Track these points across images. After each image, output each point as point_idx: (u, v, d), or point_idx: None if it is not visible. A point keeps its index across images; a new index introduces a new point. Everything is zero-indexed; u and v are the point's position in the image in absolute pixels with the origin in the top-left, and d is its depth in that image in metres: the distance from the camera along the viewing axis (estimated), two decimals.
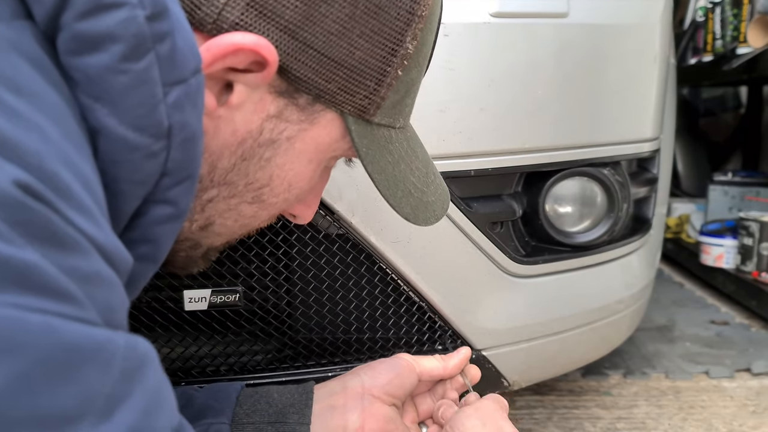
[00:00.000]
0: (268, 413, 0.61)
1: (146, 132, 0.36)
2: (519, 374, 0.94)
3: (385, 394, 0.63)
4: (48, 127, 0.32)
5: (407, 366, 0.66)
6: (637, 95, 0.96)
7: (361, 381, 0.64)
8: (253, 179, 0.47)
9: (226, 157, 0.46)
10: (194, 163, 0.41)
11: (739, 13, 2.03)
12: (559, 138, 0.87)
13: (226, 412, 0.60)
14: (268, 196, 0.49)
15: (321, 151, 0.49)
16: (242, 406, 0.61)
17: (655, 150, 1.05)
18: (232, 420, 0.60)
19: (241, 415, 0.60)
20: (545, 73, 0.83)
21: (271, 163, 0.47)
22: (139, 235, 0.40)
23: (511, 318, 0.89)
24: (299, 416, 0.61)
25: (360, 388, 0.63)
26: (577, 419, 1.21)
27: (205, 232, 0.50)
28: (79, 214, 0.31)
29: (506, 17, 0.80)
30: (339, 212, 0.77)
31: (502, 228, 0.89)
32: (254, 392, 0.63)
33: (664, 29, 1.00)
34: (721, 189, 2.25)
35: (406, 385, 0.65)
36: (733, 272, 1.93)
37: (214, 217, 0.49)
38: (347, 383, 0.64)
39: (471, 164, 0.81)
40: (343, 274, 0.83)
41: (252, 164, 0.47)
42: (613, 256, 1.00)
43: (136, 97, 0.36)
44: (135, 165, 0.37)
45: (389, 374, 0.64)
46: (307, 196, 0.53)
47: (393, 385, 0.64)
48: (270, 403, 0.61)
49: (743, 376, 1.43)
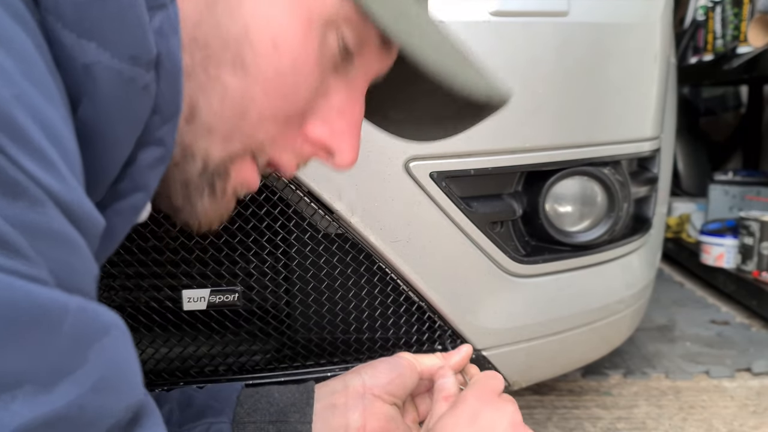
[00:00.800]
0: (270, 412, 0.60)
1: (139, 61, 0.34)
2: (519, 374, 0.94)
3: (386, 393, 0.63)
4: (11, 69, 0.28)
5: (408, 365, 0.65)
6: (638, 94, 0.96)
7: (362, 380, 0.63)
8: (225, 33, 0.40)
9: (189, 4, 0.39)
10: (179, 97, 0.38)
11: (739, 13, 2.03)
12: (559, 137, 0.87)
13: (227, 411, 0.60)
14: (251, 60, 0.40)
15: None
16: (243, 406, 0.61)
17: (656, 149, 1.05)
18: (233, 420, 0.59)
19: (242, 414, 0.60)
20: (545, 72, 0.83)
21: (242, 7, 0.39)
22: (131, 183, 0.38)
23: (511, 318, 0.89)
24: (300, 415, 0.60)
25: (361, 388, 0.63)
26: (577, 419, 1.21)
27: (193, 128, 0.41)
28: (33, 161, 0.28)
29: (506, 16, 0.80)
30: (338, 212, 0.76)
31: (502, 227, 0.89)
32: (255, 392, 0.62)
33: (664, 28, 1.00)
34: (722, 188, 2.25)
35: (407, 385, 0.65)
36: (734, 272, 1.93)
37: (196, 96, 0.40)
38: (348, 382, 0.64)
39: (471, 163, 0.81)
40: (343, 274, 0.82)
41: (219, 11, 0.39)
42: (614, 256, 1.00)
43: (125, 23, 0.34)
44: (130, 101, 0.35)
45: (390, 374, 0.64)
46: (317, 99, 0.45)
47: (394, 384, 0.63)
48: (271, 403, 0.61)
49: (744, 376, 1.43)
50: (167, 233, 0.79)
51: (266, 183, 0.76)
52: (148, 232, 0.78)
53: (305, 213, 0.77)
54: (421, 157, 0.78)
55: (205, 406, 0.60)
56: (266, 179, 0.75)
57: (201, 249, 0.81)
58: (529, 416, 1.22)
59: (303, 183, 0.75)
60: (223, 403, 0.60)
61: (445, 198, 0.81)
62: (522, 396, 1.29)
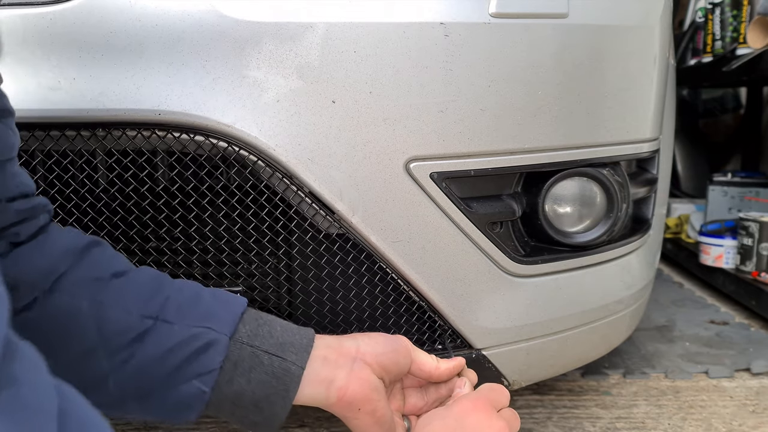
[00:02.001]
0: (269, 343, 0.60)
1: None
2: (519, 374, 0.95)
3: (377, 363, 0.63)
4: None
5: (405, 347, 0.66)
6: (637, 96, 0.97)
7: (357, 345, 0.64)
8: None
9: None
10: None
11: (738, 14, 2.04)
12: (558, 138, 0.87)
13: (230, 325, 0.59)
14: None
15: None
16: (245, 326, 0.61)
17: (655, 150, 1.06)
18: (232, 336, 0.59)
19: (242, 334, 0.60)
20: (545, 74, 0.84)
21: None
22: None
23: (510, 317, 0.90)
24: (297, 357, 0.61)
25: (354, 351, 0.64)
26: (577, 419, 1.22)
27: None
28: None
29: (506, 18, 0.80)
30: (339, 212, 0.77)
31: (501, 228, 0.90)
32: (258, 317, 0.62)
33: (663, 30, 1.00)
34: (721, 189, 2.26)
35: (399, 363, 0.65)
36: (733, 272, 1.94)
37: None
38: (343, 342, 0.64)
39: (471, 164, 0.82)
40: (343, 274, 0.83)
41: None
42: (613, 256, 1.00)
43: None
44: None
45: (385, 347, 0.65)
46: None
47: (387, 357, 0.64)
48: (272, 334, 0.61)
49: (743, 375, 1.43)
50: (169, 233, 0.79)
51: (268, 184, 0.77)
52: (149, 232, 0.78)
53: (306, 213, 0.78)
54: (422, 157, 0.79)
55: (210, 312, 0.60)
56: (268, 180, 0.76)
57: (202, 249, 0.81)
58: (529, 416, 1.22)
59: (304, 183, 0.75)
60: (228, 316, 0.60)
61: (445, 198, 0.81)
62: (522, 396, 1.30)
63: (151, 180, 0.77)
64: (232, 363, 0.59)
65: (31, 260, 0.58)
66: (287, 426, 1.16)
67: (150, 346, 0.57)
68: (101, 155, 0.76)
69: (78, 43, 0.70)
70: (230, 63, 0.72)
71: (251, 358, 0.59)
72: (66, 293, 0.57)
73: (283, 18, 0.72)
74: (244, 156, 0.74)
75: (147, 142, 0.73)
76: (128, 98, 0.70)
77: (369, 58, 0.75)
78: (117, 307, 0.58)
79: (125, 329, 0.57)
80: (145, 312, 0.58)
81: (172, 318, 0.58)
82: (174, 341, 0.57)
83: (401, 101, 0.76)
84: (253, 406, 0.59)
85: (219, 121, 0.72)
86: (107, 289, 0.59)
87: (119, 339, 0.57)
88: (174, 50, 0.71)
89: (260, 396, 0.59)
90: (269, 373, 0.59)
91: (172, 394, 0.57)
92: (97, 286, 0.59)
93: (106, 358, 0.57)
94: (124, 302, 0.58)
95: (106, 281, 0.59)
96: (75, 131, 0.72)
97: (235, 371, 0.59)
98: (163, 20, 0.70)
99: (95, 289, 0.58)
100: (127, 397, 0.58)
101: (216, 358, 0.58)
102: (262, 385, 0.59)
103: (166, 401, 0.58)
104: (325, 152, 0.75)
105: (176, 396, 0.58)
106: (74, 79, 0.70)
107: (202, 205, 0.78)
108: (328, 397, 0.61)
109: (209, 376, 0.57)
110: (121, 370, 0.57)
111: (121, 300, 0.58)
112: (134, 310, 0.58)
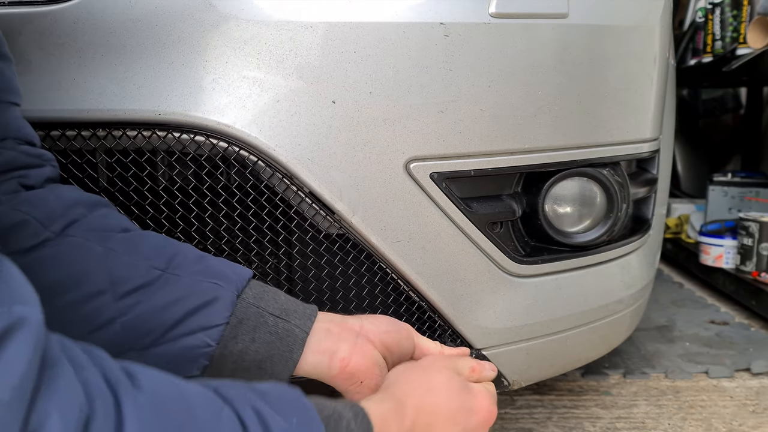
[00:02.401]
0: (274, 306, 0.61)
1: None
2: (519, 374, 0.95)
3: (379, 341, 0.64)
4: None
5: (407, 329, 0.67)
6: (637, 96, 0.97)
7: (361, 322, 0.65)
8: None
9: None
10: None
11: (738, 14, 2.04)
12: (558, 138, 0.87)
13: (237, 284, 0.60)
14: None
15: None
16: (252, 289, 0.61)
17: (655, 150, 1.06)
18: (239, 295, 0.60)
19: (249, 296, 0.61)
20: (545, 74, 0.84)
21: None
22: None
23: (510, 317, 0.90)
24: (301, 322, 0.61)
25: (358, 327, 0.64)
26: (577, 419, 1.22)
27: None
28: None
29: (506, 18, 0.81)
30: (339, 212, 0.77)
31: (501, 228, 0.90)
32: (264, 284, 0.63)
33: (663, 30, 1.00)
34: (721, 189, 2.26)
35: (402, 343, 0.65)
36: (733, 272, 1.94)
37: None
38: (347, 319, 0.65)
39: (471, 164, 0.82)
40: (344, 274, 0.83)
41: None
42: (613, 256, 1.00)
43: None
44: None
45: (389, 326, 0.65)
46: None
47: (390, 335, 0.64)
48: (276, 300, 0.62)
49: (743, 375, 1.43)
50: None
51: (268, 184, 0.77)
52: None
53: (306, 213, 0.78)
54: (422, 158, 0.79)
55: (218, 269, 0.61)
56: (268, 180, 0.76)
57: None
58: (529, 416, 1.23)
59: (304, 183, 0.75)
60: (236, 276, 0.61)
61: (445, 199, 0.81)
62: (522, 396, 1.30)
63: (151, 180, 0.77)
64: (238, 320, 0.59)
65: (43, 203, 0.59)
66: None
67: (157, 293, 0.57)
68: (101, 155, 0.76)
69: (78, 43, 0.70)
70: (230, 63, 0.72)
71: (256, 318, 0.60)
72: (79, 237, 0.58)
73: (283, 17, 0.72)
74: (244, 156, 0.74)
75: (147, 142, 0.73)
76: (128, 98, 0.70)
77: (369, 58, 0.75)
78: (126, 255, 0.59)
79: (133, 275, 0.58)
80: (154, 263, 0.59)
81: (181, 271, 0.59)
82: (181, 292, 0.58)
83: (401, 101, 0.76)
84: (256, 367, 0.59)
85: (219, 122, 0.72)
86: (117, 239, 0.60)
87: (127, 284, 0.57)
88: (174, 50, 0.71)
89: (264, 356, 0.59)
90: (273, 333, 0.60)
91: (176, 345, 0.58)
92: (107, 236, 0.59)
93: (114, 301, 0.57)
94: (133, 252, 0.59)
95: (116, 233, 0.60)
96: (75, 131, 0.72)
97: (239, 328, 0.59)
98: (163, 20, 0.70)
99: (106, 238, 0.59)
100: (132, 346, 0.58)
101: (223, 313, 0.58)
102: (266, 345, 0.59)
103: (169, 352, 0.58)
104: (325, 152, 0.75)
105: (180, 347, 0.58)
106: (74, 80, 0.70)
107: (202, 205, 0.78)
108: (330, 368, 0.61)
109: (215, 330, 0.58)
110: (128, 315, 0.57)
111: (130, 250, 0.59)
112: (143, 260, 0.59)
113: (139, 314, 0.57)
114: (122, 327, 0.57)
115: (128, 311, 0.57)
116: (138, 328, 0.57)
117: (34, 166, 0.61)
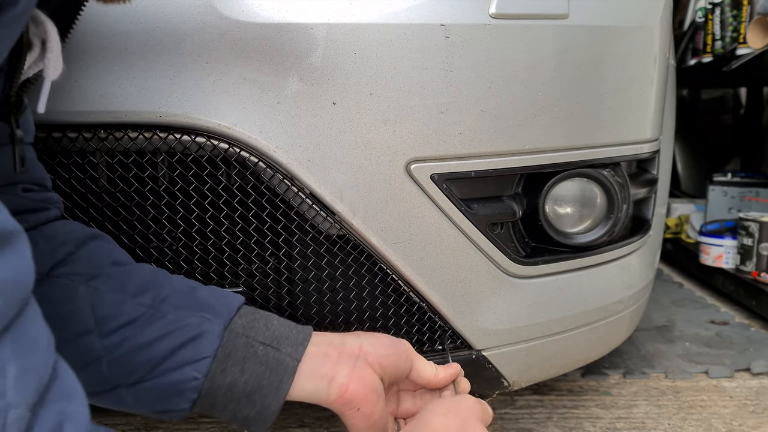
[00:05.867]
0: (264, 335, 0.61)
1: None
2: (519, 374, 0.95)
3: (378, 364, 0.63)
4: None
5: (406, 351, 0.66)
6: (637, 96, 0.97)
7: (360, 343, 0.64)
8: None
9: None
10: None
11: (738, 14, 2.04)
12: (558, 139, 0.87)
13: (225, 316, 0.60)
14: None
15: None
16: (241, 318, 0.61)
17: (655, 151, 1.06)
18: (227, 326, 0.60)
19: (238, 325, 0.60)
20: (545, 75, 0.84)
21: None
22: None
23: (511, 318, 0.90)
24: (292, 350, 0.61)
25: (357, 350, 0.63)
26: (577, 419, 1.22)
27: None
28: None
29: (506, 18, 0.81)
30: (340, 213, 0.77)
31: (502, 229, 0.90)
32: (255, 311, 0.63)
33: (663, 30, 1.01)
34: (721, 189, 2.26)
35: (399, 367, 0.65)
36: (733, 272, 1.94)
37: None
38: (346, 340, 0.64)
39: (471, 165, 0.82)
40: (344, 275, 0.83)
41: None
42: (613, 257, 1.01)
43: None
44: None
45: (388, 348, 0.65)
46: None
47: (389, 359, 0.64)
48: (268, 327, 0.62)
49: (743, 375, 1.43)
50: (170, 234, 0.79)
51: (268, 185, 0.77)
52: (151, 232, 0.78)
53: (307, 214, 0.78)
54: (422, 159, 0.79)
55: (205, 302, 0.61)
56: (269, 181, 0.76)
57: (204, 249, 0.81)
58: (529, 416, 1.23)
59: (305, 185, 0.75)
60: (224, 308, 0.61)
61: (445, 199, 0.81)
62: (522, 396, 1.30)
63: (153, 181, 0.77)
64: (226, 353, 0.59)
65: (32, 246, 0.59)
66: (287, 426, 1.17)
67: (143, 331, 0.58)
68: (103, 156, 0.76)
69: (80, 45, 0.70)
70: (231, 65, 0.72)
71: (245, 348, 0.59)
72: (64, 278, 0.59)
73: (283, 19, 0.73)
74: (245, 157, 0.74)
75: (149, 144, 0.73)
76: (130, 100, 0.71)
77: (369, 59, 0.75)
78: (112, 293, 0.59)
79: (119, 313, 0.58)
80: (140, 299, 0.59)
81: (167, 307, 0.59)
82: (168, 328, 0.58)
83: (402, 102, 0.76)
84: (246, 399, 0.59)
85: (220, 123, 0.72)
86: (104, 276, 0.60)
87: (113, 322, 0.58)
88: (175, 52, 0.71)
89: (253, 387, 0.59)
90: (263, 363, 0.59)
91: (164, 380, 0.58)
92: (93, 273, 0.60)
93: (99, 340, 0.58)
94: (119, 289, 0.59)
95: (104, 269, 0.61)
96: (77, 133, 0.72)
97: (228, 361, 0.59)
98: (165, 22, 0.70)
99: (92, 276, 0.60)
100: (120, 383, 0.59)
101: (209, 347, 0.58)
102: (256, 376, 0.59)
103: (158, 388, 0.58)
104: (325, 153, 0.75)
105: (168, 382, 0.58)
106: (76, 82, 0.70)
107: (203, 206, 0.78)
108: (328, 394, 0.61)
109: (202, 363, 0.58)
110: (114, 353, 0.58)
111: (116, 287, 0.59)
112: (129, 297, 0.59)
113: (126, 351, 0.58)
114: (108, 365, 0.58)
115: (115, 349, 0.58)
116: (125, 365, 0.58)
117: (38, 210, 0.62)
